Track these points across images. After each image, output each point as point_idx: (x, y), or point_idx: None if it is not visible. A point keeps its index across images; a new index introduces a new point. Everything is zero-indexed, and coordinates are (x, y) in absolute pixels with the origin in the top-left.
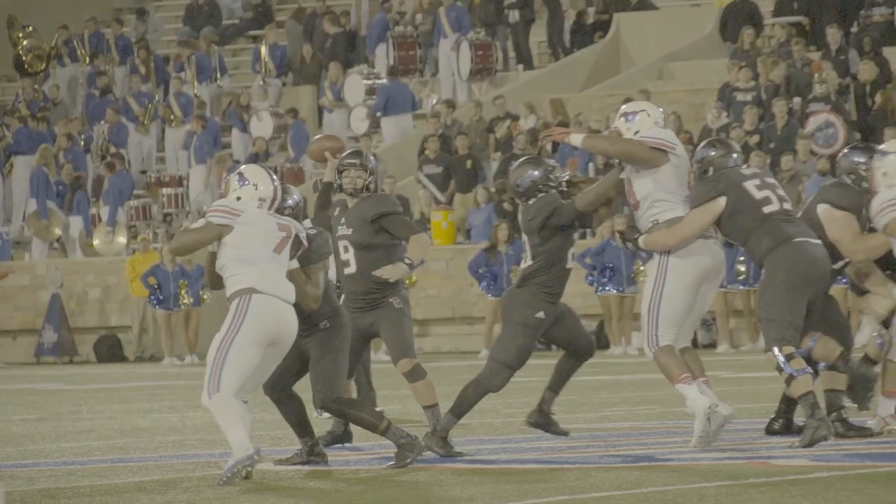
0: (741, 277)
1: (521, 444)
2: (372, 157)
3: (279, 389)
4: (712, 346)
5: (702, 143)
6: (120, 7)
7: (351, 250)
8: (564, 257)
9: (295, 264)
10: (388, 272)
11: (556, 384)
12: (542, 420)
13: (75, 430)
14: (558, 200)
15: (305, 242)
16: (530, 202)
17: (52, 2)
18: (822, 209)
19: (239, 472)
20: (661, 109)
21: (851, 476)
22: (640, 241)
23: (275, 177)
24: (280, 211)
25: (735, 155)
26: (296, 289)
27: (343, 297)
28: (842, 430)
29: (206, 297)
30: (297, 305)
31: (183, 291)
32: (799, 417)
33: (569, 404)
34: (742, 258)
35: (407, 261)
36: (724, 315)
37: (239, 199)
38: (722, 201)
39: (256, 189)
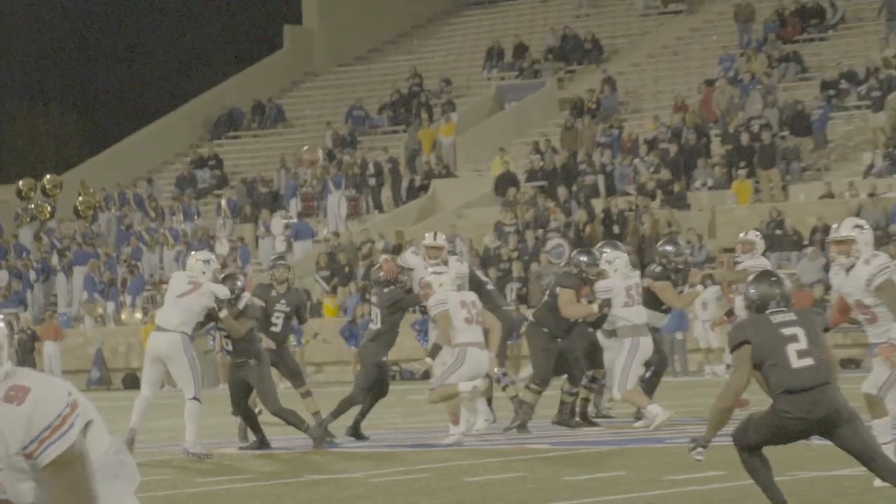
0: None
1: (374, 437)
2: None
3: (240, 407)
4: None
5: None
6: (137, 176)
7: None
8: (398, 325)
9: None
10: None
11: (365, 412)
12: (357, 433)
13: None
14: (402, 293)
15: (222, 298)
16: (385, 290)
17: (95, 172)
18: (559, 290)
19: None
20: None
21: (575, 454)
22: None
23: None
24: (233, 293)
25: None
26: (228, 327)
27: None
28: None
29: None
30: (243, 351)
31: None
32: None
33: (404, 413)
34: None
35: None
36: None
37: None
38: None
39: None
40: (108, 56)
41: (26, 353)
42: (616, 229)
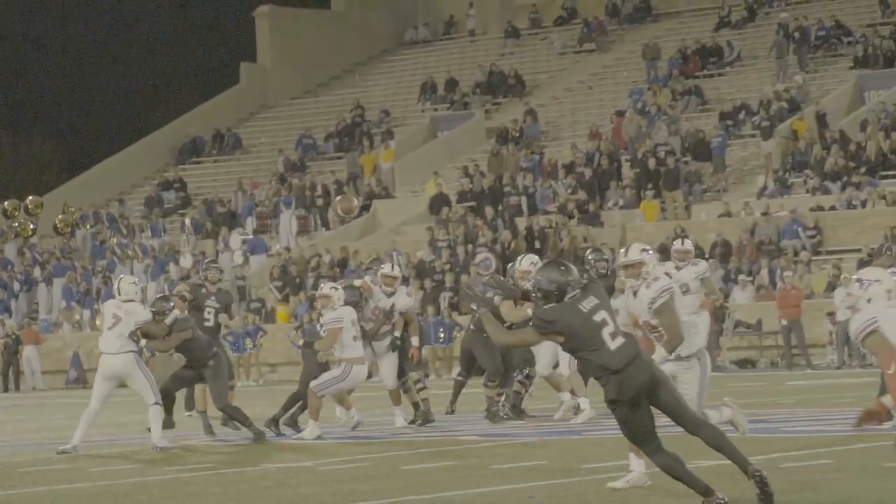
0: (441, 339)
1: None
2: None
3: (167, 392)
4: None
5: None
6: (109, 197)
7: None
8: None
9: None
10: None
11: (288, 405)
12: (294, 423)
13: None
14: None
15: (144, 319)
16: None
17: (73, 194)
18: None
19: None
20: None
21: (501, 445)
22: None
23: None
24: (162, 312)
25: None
26: (155, 346)
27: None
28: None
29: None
30: (198, 359)
31: (144, 350)
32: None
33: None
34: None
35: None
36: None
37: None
38: None
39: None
40: (84, 91)
41: (11, 356)
42: (538, 244)
